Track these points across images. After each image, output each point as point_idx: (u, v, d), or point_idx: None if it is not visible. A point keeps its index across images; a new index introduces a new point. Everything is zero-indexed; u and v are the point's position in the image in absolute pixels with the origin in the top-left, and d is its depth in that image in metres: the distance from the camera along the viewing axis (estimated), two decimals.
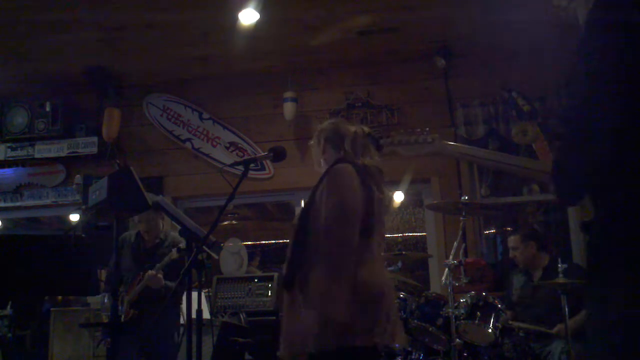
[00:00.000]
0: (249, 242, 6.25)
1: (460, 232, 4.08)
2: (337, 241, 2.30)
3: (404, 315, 3.81)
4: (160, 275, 4.00)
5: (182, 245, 3.94)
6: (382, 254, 2.66)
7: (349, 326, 2.23)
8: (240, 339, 4.30)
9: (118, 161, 4.34)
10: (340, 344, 2.22)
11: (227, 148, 6.04)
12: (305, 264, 2.36)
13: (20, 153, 6.21)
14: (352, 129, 2.62)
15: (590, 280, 1.29)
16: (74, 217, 6.20)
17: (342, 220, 2.33)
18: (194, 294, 2.80)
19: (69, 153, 6.13)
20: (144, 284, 4.04)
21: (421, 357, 3.90)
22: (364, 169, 2.46)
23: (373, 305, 2.32)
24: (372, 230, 2.44)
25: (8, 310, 5.59)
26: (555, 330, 4.00)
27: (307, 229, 2.41)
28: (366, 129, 2.65)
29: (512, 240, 4.60)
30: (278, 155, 2.77)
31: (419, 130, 1.95)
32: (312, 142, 2.72)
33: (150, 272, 4.00)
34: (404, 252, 4.42)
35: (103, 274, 4.88)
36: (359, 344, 2.26)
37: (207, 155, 6.07)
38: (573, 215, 5.48)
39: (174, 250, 3.94)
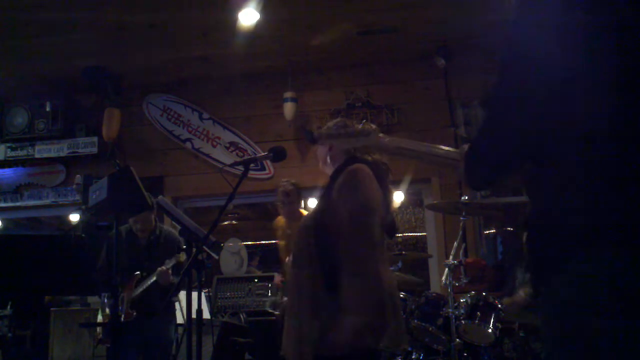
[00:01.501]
0: (249, 242, 6.25)
1: (460, 232, 4.07)
2: (366, 242, 2.28)
3: (404, 316, 3.80)
4: (170, 271, 4.00)
5: (182, 244, 3.96)
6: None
7: (368, 328, 2.21)
8: (240, 339, 4.30)
9: (118, 161, 4.34)
10: (356, 346, 2.20)
11: (227, 148, 6.05)
12: (322, 265, 2.33)
13: (20, 153, 6.21)
14: (359, 125, 2.61)
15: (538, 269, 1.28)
16: (74, 217, 6.20)
17: (368, 220, 2.30)
18: (194, 294, 2.80)
19: (69, 153, 6.13)
20: (152, 280, 4.03)
21: (421, 357, 3.89)
22: (375, 166, 2.46)
23: (388, 307, 2.32)
24: (392, 230, 2.44)
25: (8, 310, 5.59)
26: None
27: (323, 231, 2.35)
28: (373, 125, 2.63)
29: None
30: (278, 155, 2.76)
31: (355, 122, 1.91)
32: None
33: (161, 268, 3.99)
34: (403, 252, 4.41)
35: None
36: (373, 346, 2.25)
37: (207, 155, 6.07)
38: None
39: (182, 253, 3.94)
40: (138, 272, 4.13)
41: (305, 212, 4.35)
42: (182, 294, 4.22)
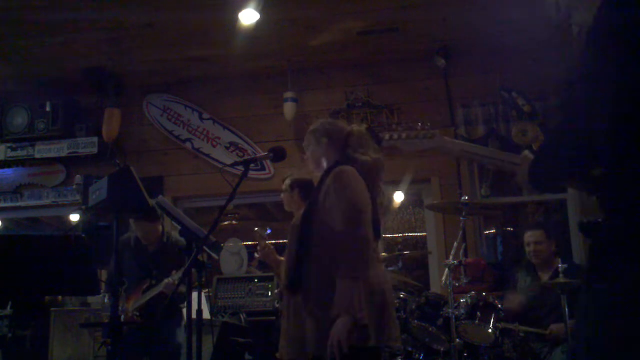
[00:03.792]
0: (249, 242, 6.23)
1: (460, 232, 4.07)
2: (358, 243, 2.29)
3: (404, 315, 3.80)
4: (176, 283, 3.96)
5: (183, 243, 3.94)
6: (383, 254, 2.67)
7: (364, 328, 2.22)
8: (240, 339, 4.30)
9: (118, 161, 4.34)
10: (354, 344, 2.21)
11: (227, 148, 6.04)
12: (312, 265, 2.35)
13: (20, 153, 6.21)
14: (348, 127, 2.63)
15: (599, 280, 1.27)
16: (74, 217, 6.20)
17: (359, 221, 2.32)
18: (194, 294, 2.81)
19: (69, 153, 6.13)
20: (157, 291, 4.00)
21: (421, 357, 3.89)
22: (363, 168, 2.46)
23: (380, 306, 2.33)
24: (379, 231, 2.45)
25: (8, 310, 5.58)
26: (547, 331, 3.98)
27: (310, 231, 2.39)
28: (364, 125, 2.65)
29: (537, 235, 4.38)
30: (278, 155, 2.77)
31: (420, 125, 1.94)
32: (307, 142, 2.68)
33: (168, 281, 3.97)
34: (403, 252, 4.42)
35: (104, 274, 4.86)
36: (369, 344, 2.26)
37: (207, 155, 6.07)
38: (573, 215, 5.48)
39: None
40: (148, 279, 4.10)
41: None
42: None
